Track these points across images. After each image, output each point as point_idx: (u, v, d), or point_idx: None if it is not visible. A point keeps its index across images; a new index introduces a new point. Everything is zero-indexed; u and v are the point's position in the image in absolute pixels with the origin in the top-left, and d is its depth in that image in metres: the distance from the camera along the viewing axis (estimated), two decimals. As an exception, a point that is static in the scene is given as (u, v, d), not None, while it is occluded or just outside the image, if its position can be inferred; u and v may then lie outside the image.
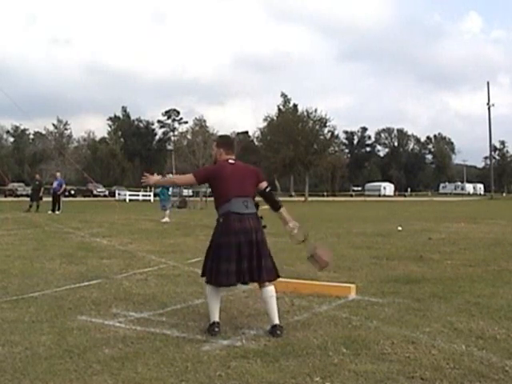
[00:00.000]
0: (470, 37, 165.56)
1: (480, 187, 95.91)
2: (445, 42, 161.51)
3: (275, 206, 4.78)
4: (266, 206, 4.82)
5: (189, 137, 77.72)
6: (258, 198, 4.69)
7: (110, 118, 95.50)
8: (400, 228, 14.44)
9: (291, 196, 65.34)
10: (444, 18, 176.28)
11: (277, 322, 4.47)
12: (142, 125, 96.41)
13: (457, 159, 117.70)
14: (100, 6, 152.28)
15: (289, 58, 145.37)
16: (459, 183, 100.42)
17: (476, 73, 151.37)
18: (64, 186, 24.92)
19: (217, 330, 4.45)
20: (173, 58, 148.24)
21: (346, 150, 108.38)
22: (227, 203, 4.50)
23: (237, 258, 4.40)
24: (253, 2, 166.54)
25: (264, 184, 4.76)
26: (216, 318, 4.53)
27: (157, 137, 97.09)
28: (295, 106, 67.69)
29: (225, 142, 4.93)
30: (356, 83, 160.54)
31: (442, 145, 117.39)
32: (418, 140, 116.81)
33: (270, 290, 4.52)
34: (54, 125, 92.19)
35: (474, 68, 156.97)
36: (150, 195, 50.44)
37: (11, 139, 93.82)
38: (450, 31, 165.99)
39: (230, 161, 4.70)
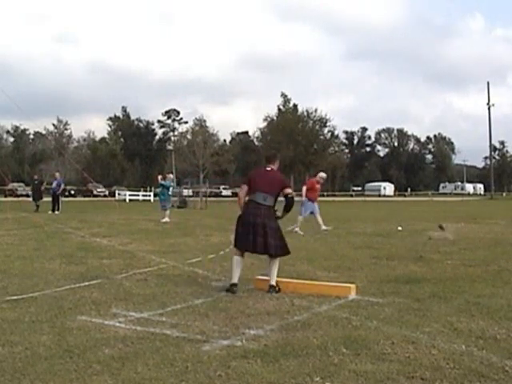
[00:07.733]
0: (478, 36, 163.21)
1: (480, 187, 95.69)
2: (452, 41, 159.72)
3: (286, 209, 6.35)
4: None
5: (189, 137, 77.57)
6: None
7: (110, 118, 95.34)
8: (400, 228, 14.44)
9: (291, 196, 65.24)
10: (452, 18, 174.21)
11: (273, 283, 5.97)
12: (141, 125, 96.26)
13: (457, 159, 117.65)
14: (104, 5, 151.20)
15: (294, 58, 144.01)
16: (459, 183, 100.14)
17: (483, 73, 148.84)
18: (62, 186, 24.92)
19: (235, 289, 5.87)
20: (177, 57, 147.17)
21: (346, 150, 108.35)
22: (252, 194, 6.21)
23: (252, 232, 5.96)
24: (258, 2, 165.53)
25: (288, 190, 6.29)
26: (236, 279, 5.97)
27: (157, 137, 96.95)
28: (295, 106, 67.72)
29: (266, 156, 6.81)
30: (360, 83, 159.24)
31: (442, 145, 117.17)
32: (418, 140, 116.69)
33: (274, 260, 6.10)
34: (54, 125, 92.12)
35: (481, 68, 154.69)
36: (150, 195, 50.41)
37: (11, 139, 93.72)
38: (458, 31, 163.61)
39: (267, 168, 6.42)
